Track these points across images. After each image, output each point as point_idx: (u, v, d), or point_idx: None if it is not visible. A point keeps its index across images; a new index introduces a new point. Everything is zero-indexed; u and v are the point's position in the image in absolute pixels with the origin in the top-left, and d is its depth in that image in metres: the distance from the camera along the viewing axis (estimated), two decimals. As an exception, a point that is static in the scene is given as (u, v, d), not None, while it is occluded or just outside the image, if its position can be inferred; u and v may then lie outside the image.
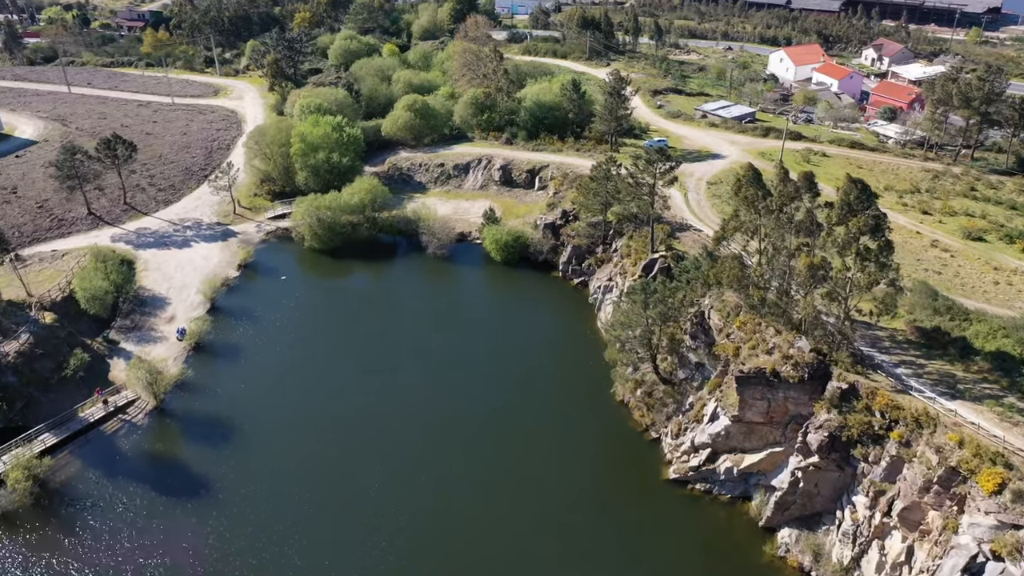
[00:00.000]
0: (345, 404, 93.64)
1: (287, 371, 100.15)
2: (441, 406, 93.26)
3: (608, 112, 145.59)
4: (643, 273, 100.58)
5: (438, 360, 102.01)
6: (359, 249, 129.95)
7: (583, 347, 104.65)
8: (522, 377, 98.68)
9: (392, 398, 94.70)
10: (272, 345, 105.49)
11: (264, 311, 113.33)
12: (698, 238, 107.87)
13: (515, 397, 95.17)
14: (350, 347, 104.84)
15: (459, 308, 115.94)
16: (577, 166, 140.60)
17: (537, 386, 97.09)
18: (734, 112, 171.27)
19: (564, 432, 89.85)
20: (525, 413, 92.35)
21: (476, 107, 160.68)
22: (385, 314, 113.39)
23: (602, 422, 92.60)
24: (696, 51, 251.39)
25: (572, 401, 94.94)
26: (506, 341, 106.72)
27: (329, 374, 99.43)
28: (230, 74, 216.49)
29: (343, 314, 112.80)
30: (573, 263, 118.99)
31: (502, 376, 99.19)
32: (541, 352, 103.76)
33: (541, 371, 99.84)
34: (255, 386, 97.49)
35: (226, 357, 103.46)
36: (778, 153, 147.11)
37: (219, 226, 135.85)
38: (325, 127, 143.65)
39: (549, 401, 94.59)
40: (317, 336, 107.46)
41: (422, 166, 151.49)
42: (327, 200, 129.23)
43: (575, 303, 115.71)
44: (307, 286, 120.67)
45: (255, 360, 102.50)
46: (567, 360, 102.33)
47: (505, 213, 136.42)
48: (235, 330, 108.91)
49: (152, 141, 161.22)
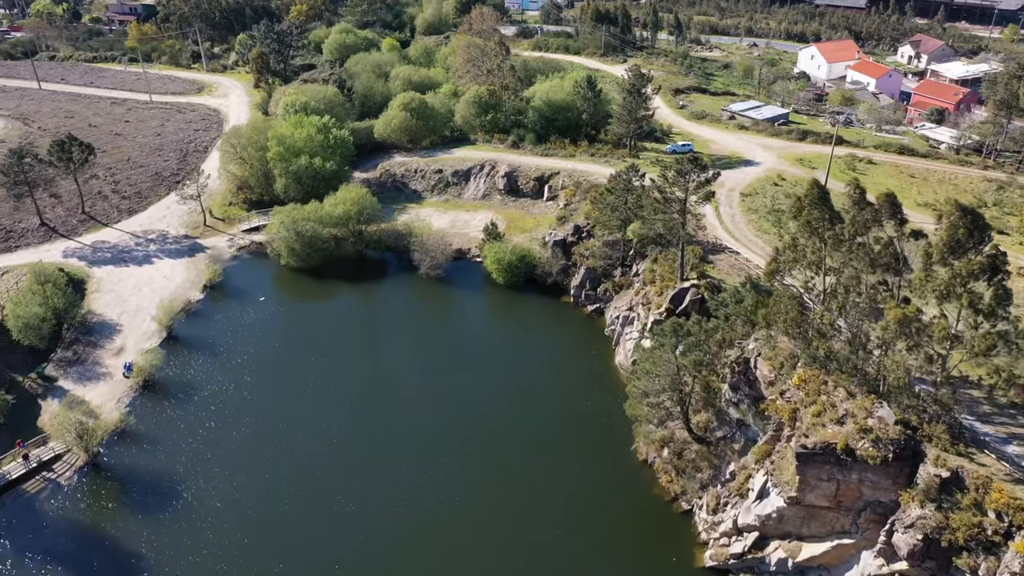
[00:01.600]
0: (317, 463, 77.89)
1: (250, 418, 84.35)
2: (432, 462, 77.36)
3: (627, 113, 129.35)
4: (671, 306, 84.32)
5: (429, 406, 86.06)
6: (343, 267, 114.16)
7: (598, 390, 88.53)
8: (526, 428, 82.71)
9: (375, 460, 78.86)
10: (235, 384, 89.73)
11: (229, 341, 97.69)
12: (735, 262, 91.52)
13: (518, 452, 79.31)
14: (326, 390, 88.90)
15: (454, 340, 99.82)
16: (591, 173, 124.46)
17: (543, 438, 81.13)
18: (765, 113, 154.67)
19: (575, 498, 73.84)
20: (529, 474, 76.41)
21: (479, 106, 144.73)
22: (369, 349, 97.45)
23: (621, 487, 76.51)
24: (719, 47, 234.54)
25: (585, 458, 78.87)
26: (508, 381, 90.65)
27: (298, 422, 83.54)
28: (218, 70, 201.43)
29: (320, 347, 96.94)
30: (587, 287, 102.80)
31: (502, 425, 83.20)
32: (549, 395, 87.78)
33: (548, 420, 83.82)
34: (211, 437, 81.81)
35: (179, 398, 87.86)
36: (818, 159, 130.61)
37: (187, 239, 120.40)
38: (309, 128, 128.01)
39: (557, 457, 78.68)
40: (287, 374, 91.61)
41: (418, 172, 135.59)
42: (307, 211, 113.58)
43: (589, 335, 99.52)
44: (280, 311, 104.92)
45: (213, 402, 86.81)
46: (579, 406, 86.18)
47: (509, 227, 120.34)
48: (193, 364, 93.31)
49: (121, 143, 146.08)
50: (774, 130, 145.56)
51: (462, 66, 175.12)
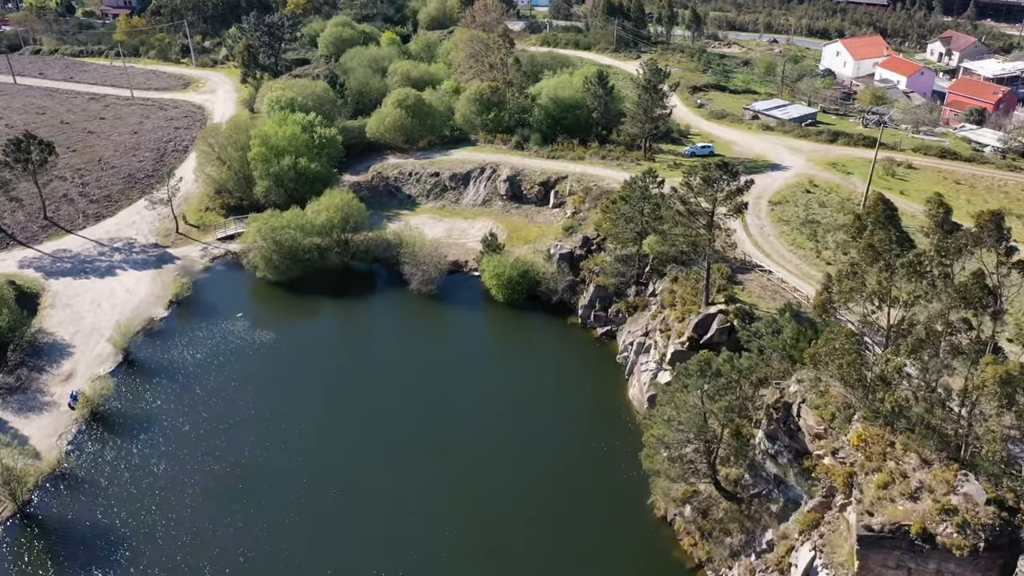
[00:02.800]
0: (285, 511, 66.64)
1: (211, 460, 73.13)
2: (419, 518, 66.03)
3: (642, 111, 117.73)
4: (694, 335, 72.70)
5: (416, 447, 74.68)
6: (326, 281, 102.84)
7: (609, 428, 77.04)
8: (526, 472, 71.35)
9: (358, 510, 67.57)
10: (195, 419, 78.56)
11: (193, 366, 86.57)
12: (768, 283, 79.78)
13: (516, 501, 67.96)
14: (299, 426, 77.66)
15: (447, 366, 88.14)
16: (602, 178, 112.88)
17: (545, 486, 69.77)
18: (791, 112, 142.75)
19: (579, 560, 62.44)
20: (528, 528, 65.03)
21: (480, 104, 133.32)
22: (351, 376, 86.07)
23: (635, 549, 65.02)
24: (737, 44, 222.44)
25: (593, 511, 67.46)
26: (507, 415, 79.18)
27: (266, 467, 72.27)
28: (207, 65, 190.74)
29: (294, 374, 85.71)
30: (596, 308, 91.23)
31: (498, 468, 71.88)
32: (553, 432, 76.42)
33: (551, 462, 72.42)
34: (162, 484, 70.58)
35: (129, 434, 76.69)
36: (853, 163, 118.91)
37: (156, 248, 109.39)
38: (293, 126, 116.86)
39: (561, 508, 67.29)
40: (255, 406, 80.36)
41: (412, 175, 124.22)
42: (286, 218, 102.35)
43: (598, 362, 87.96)
44: (252, 331, 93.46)
45: (168, 440, 75.63)
46: (587, 446, 74.68)
47: (511, 237, 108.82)
48: (149, 394, 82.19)
49: (94, 141, 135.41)
50: (801, 131, 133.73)
51: (464, 61, 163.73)
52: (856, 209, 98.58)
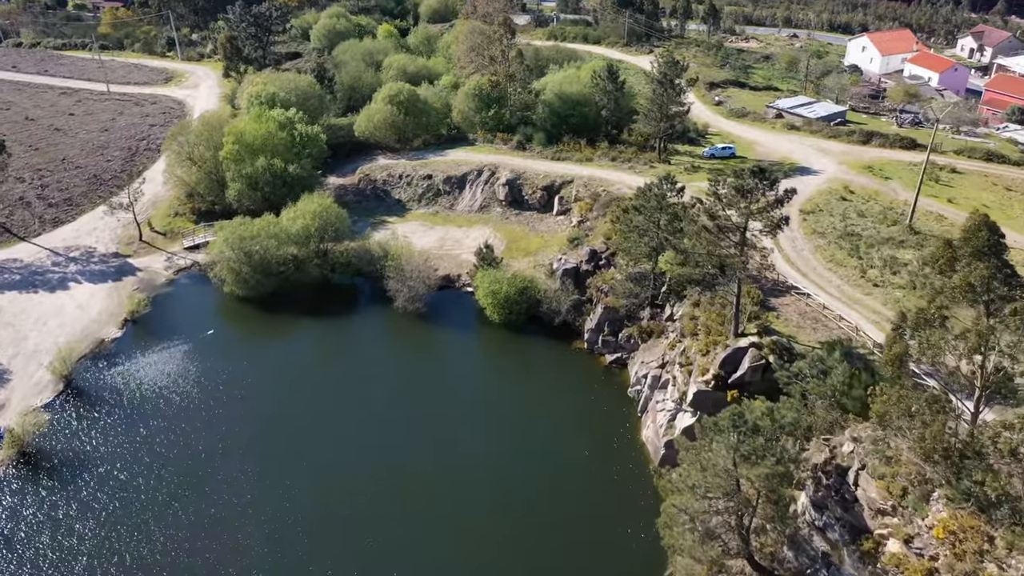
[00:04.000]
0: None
1: (150, 516, 62.19)
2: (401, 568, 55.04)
3: (656, 108, 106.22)
4: (721, 372, 61.29)
5: (399, 488, 63.55)
6: (302, 297, 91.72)
7: (618, 475, 65.80)
8: (523, 528, 60.05)
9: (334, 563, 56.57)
10: (138, 463, 67.63)
11: (144, 396, 75.63)
12: (807, 309, 68.22)
13: (510, 561, 56.88)
14: (263, 477, 66.64)
15: (434, 397, 76.81)
16: (612, 182, 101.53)
17: (543, 540, 58.56)
18: (819, 111, 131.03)
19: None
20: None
21: (479, 100, 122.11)
22: (324, 413, 74.75)
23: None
24: (755, 38, 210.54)
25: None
26: (501, 456, 68.04)
27: (222, 522, 61.32)
28: (193, 58, 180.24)
29: (260, 406, 74.65)
30: (604, 332, 79.86)
31: (489, 524, 60.66)
32: (553, 478, 65.17)
33: (550, 513, 61.20)
34: (90, 545, 59.66)
35: (61, 481, 65.76)
36: (890, 167, 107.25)
37: (116, 258, 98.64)
38: (269, 123, 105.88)
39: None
40: (214, 445, 69.39)
41: (403, 178, 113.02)
42: (257, 226, 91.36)
43: (607, 395, 76.59)
44: (215, 355, 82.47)
45: (107, 490, 64.67)
46: (594, 498, 63.36)
47: (510, 247, 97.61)
48: (89, 430, 71.27)
49: (59, 139, 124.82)
50: (830, 131, 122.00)
51: (465, 55, 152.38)
52: (901, 219, 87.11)
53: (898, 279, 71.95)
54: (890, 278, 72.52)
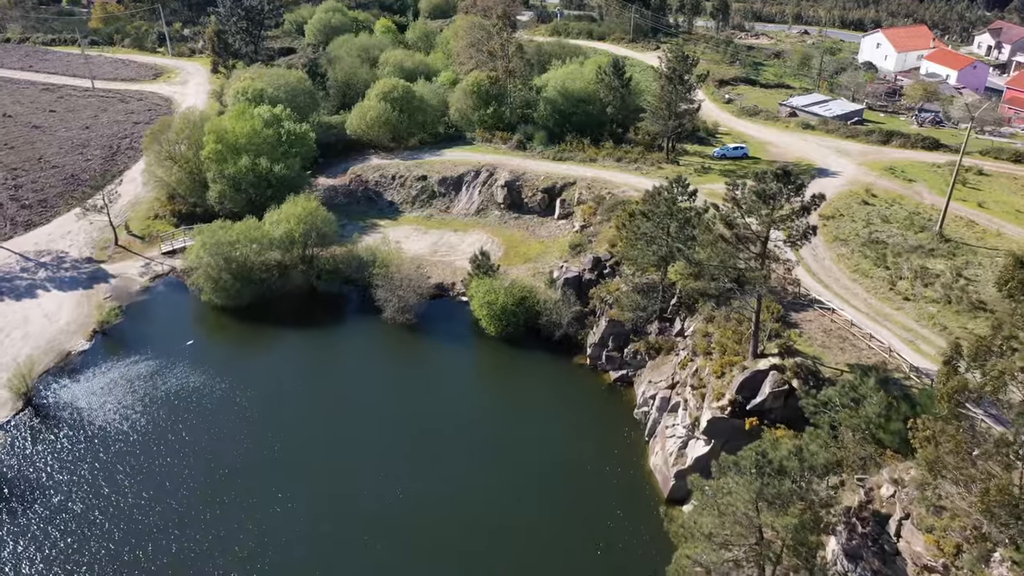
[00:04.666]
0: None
1: (115, 547, 56.34)
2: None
3: (665, 106, 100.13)
4: (738, 398, 55.16)
5: (383, 518, 57.59)
6: (285, 306, 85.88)
7: (623, 506, 59.68)
8: (519, 567, 54.24)
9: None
10: (103, 489, 61.78)
11: (109, 415, 69.70)
12: (832, 326, 61.97)
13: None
14: (240, 503, 60.75)
15: (424, 415, 70.68)
16: (617, 184, 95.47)
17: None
18: (834, 109, 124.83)
19: None
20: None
21: (477, 97, 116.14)
22: (302, 432, 68.82)
23: None
24: (765, 35, 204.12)
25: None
26: (494, 485, 61.93)
27: (189, 560, 55.38)
28: (184, 54, 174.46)
29: (235, 429, 68.71)
30: (609, 347, 73.74)
31: (481, 565, 54.65)
32: (552, 507, 59.12)
33: (546, 548, 55.06)
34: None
35: (12, 512, 59.87)
36: (913, 168, 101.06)
37: (89, 264, 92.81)
38: (254, 120, 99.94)
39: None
40: (177, 472, 63.47)
41: (396, 179, 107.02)
42: (237, 231, 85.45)
43: (611, 415, 70.47)
44: (189, 371, 76.44)
45: (65, 519, 58.87)
46: (594, 529, 57.24)
47: (508, 253, 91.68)
48: (47, 455, 65.37)
49: (37, 137, 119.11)
50: (848, 130, 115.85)
51: (464, 51, 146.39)
52: (929, 225, 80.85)
53: (931, 292, 65.74)
54: (922, 291, 66.30)
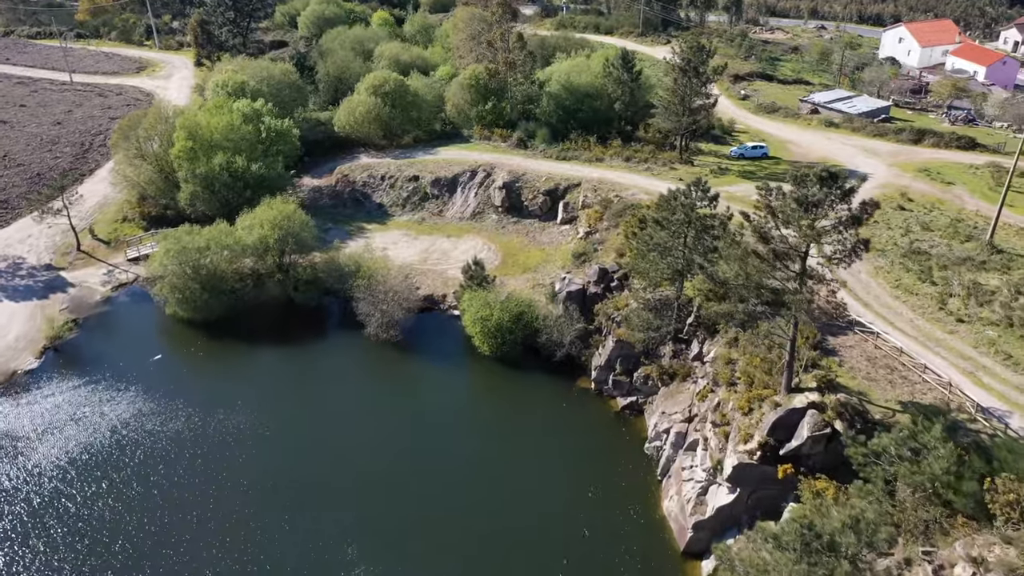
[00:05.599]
0: None
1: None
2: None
3: (678, 101, 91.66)
4: (770, 440, 46.72)
5: (359, 562, 49.54)
6: (259, 320, 77.78)
7: (632, 560, 51.26)
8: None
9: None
10: (29, 539, 53.75)
11: (50, 449, 61.65)
12: (876, 354, 53.42)
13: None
14: (199, 552, 52.64)
15: (408, 450, 62.47)
16: (625, 186, 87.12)
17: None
18: (859, 106, 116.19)
19: None
20: None
21: (475, 92, 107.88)
22: (279, 471, 60.71)
23: None
24: (781, 30, 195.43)
25: None
26: (486, 529, 53.68)
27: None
28: (172, 47, 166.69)
29: (193, 464, 60.64)
30: (616, 370, 65.36)
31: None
32: (552, 559, 50.76)
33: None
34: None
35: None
36: (950, 170, 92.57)
37: (48, 271, 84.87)
38: (231, 115, 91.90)
39: None
40: (122, 516, 55.41)
41: (386, 179, 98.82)
42: (206, 236, 77.35)
43: (619, 448, 62.13)
44: (144, 394, 68.28)
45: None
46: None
47: (506, 262, 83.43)
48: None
49: (4, 133, 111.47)
50: (875, 128, 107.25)
51: (464, 44, 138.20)
52: (976, 234, 72.20)
53: (988, 313, 57.24)
54: (977, 311, 57.79)
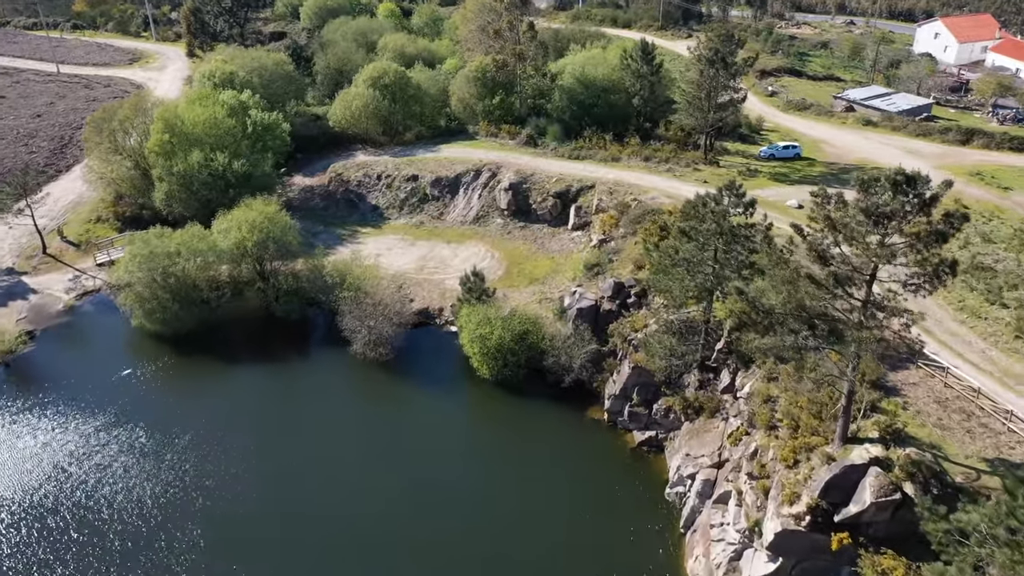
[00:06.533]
0: None
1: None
2: None
3: (704, 96, 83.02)
4: (822, 503, 38.19)
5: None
6: (237, 334, 70.07)
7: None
8: None
9: None
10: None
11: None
12: (947, 395, 44.53)
13: None
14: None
15: (397, 486, 54.39)
16: (645, 189, 78.63)
17: None
18: (899, 103, 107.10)
19: None
20: None
21: (482, 85, 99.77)
22: (252, 513, 52.84)
23: None
24: (808, 25, 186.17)
25: None
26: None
27: None
28: (169, 39, 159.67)
29: (155, 504, 52.91)
30: (633, 400, 56.97)
31: None
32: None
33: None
34: None
35: None
36: (1004, 174, 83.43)
37: (9, 276, 77.54)
38: (213, 107, 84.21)
39: None
40: (69, 560, 47.77)
41: (382, 179, 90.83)
42: (177, 240, 69.63)
43: (635, 490, 53.72)
44: (102, 417, 60.57)
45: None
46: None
47: (511, 272, 75.26)
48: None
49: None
50: (917, 127, 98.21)
51: (472, 36, 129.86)
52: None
53: None
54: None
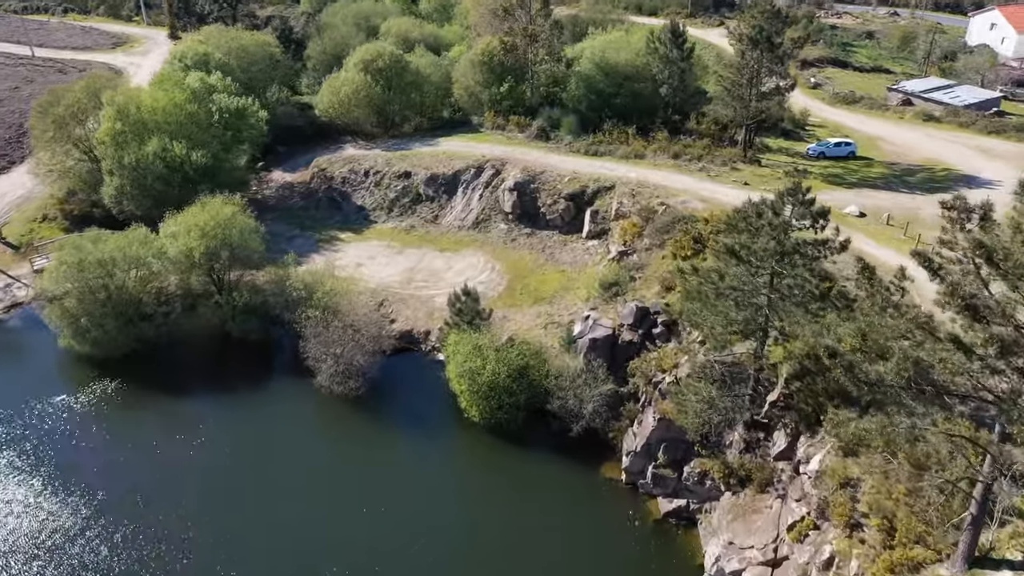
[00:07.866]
0: None
1: None
2: None
3: (745, 83, 70.61)
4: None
5: None
6: (186, 358, 58.82)
7: None
8: None
9: None
10: None
11: None
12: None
13: None
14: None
15: (360, 557, 42.84)
16: (674, 191, 66.45)
17: None
18: (963, 96, 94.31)
19: None
20: None
21: (488, 70, 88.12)
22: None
23: None
24: (849, 15, 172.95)
25: None
26: None
27: None
28: (160, 23, 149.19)
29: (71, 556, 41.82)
30: (658, 459, 44.91)
31: None
32: None
33: None
34: None
35: None
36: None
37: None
38: (175, 92, 73.09)
39: None
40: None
41: (370, 176, 79.26)
42: (114, 245, 58.47)
43: (659, 574, 41.87)
44: (14, 456, 49.72)
45: None
46: None
47: (513, 288, 63.41)
48: None
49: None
50: (987, 123, 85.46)
51: (483, 21, 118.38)
52: None
53: None
54: None
